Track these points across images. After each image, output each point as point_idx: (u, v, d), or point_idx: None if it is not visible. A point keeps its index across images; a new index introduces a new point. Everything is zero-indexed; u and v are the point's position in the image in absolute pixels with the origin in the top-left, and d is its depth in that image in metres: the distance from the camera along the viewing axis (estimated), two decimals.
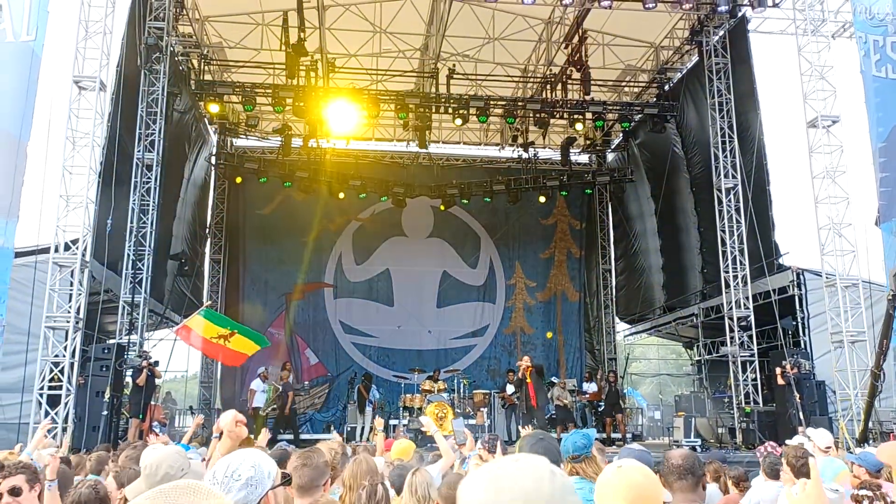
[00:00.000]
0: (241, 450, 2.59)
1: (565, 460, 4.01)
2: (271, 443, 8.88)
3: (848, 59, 13.33)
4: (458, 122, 17.36)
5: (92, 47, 12.50)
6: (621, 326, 23.93)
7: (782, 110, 19.72)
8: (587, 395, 17.43)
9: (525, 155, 20.60)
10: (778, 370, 13.30)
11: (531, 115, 17.93)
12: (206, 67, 17.38)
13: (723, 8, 14.44)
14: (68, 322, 11.73)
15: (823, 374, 13.78)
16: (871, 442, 11.00)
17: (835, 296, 13.43)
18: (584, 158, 23.52)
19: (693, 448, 14.29)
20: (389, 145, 22.07)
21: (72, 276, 11.89)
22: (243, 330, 11.46)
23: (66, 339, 11.72)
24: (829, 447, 5.70)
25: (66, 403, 11.46)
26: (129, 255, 13.60)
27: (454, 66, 17.44)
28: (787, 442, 6.01)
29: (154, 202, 13.96)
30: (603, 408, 17.07)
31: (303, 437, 15.60)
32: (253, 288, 20.48)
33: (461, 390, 16.51)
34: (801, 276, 14.91)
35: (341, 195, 19.25)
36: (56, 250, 11.91)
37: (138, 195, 13.80)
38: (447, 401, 15.34)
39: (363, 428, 16.18)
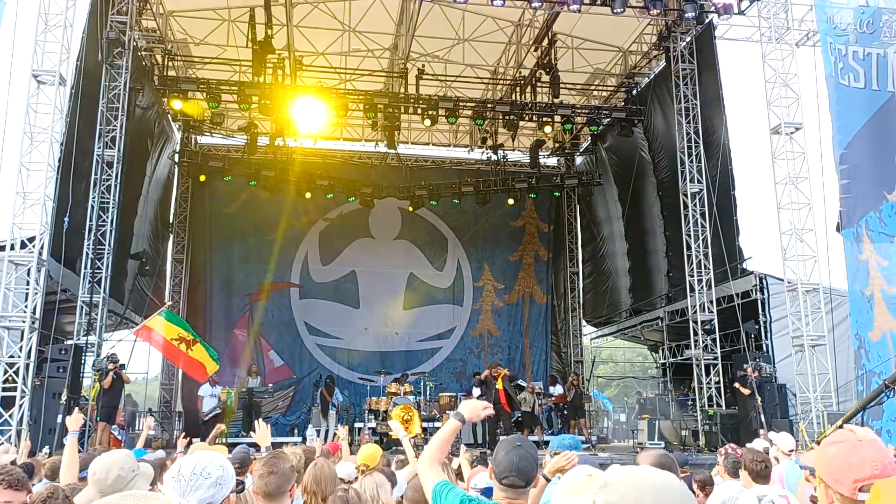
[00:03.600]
0: (207, 450, 2.53)
1: (549, 453, 4.04)
2: (231, 446, 8.73)
3: (811, 67, 13.58)
4: (427, 122, 17.29)
5: (52, 41, 12.23)
6: (588, 329, 24.08)
7: (747, 116, 20.03)
8: (553, 398, 17.48)
9: (494, 157, 20.60)
10: (737, 384, 13.39)
11: (500, 117, 17.92)
12: (170, 63, 17.03)
13: (690, 14, 14.58)
14: (24, 322, 11.45)
15: (785, 377, 14.01)
16: None
17: (796, 300, 13.66)
18: (552, 161, 23.63)
19: None
20: (358, 145, 21.89)
21: (28, 274, 11.61)
22: (203, 343, 11.31)
23: (22, 340, 11.43)
24: (791, 450, 5.75)
25: (20, 405, 11.16)
26: (88, 253, 13.27)
27: (423, 66, 17.38)
28: (748, 445, 6.05)
29: (114, 200, 13.63)
30: (567, 411, 17.14)
31: None
32: (217, 287, 20.12)
33: (427, 393, 16.43)
34: (764, 281, 15.13)
35: (308, 195, 19.04)
36: (12, 248, 11.62)
37: (98, 192, 13.46)
38: (413, 403, 15.25)
39: (327, 431, 16.01)
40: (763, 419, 12.37)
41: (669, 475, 1.45)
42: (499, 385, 14.39)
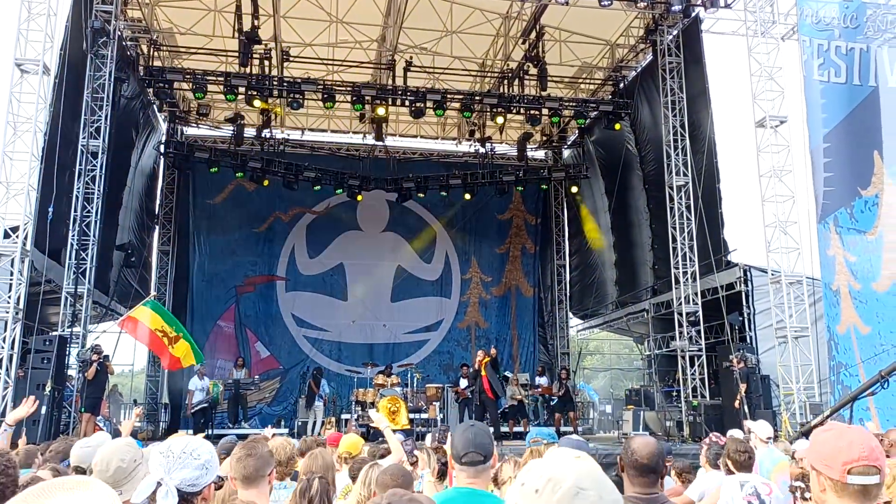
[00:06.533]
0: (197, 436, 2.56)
1: (528, 441, 4.16)
2: (218, 437, 8.74)
3: (796, 61, 13.67)
4: (415, 114, 17.27)
5: (35, 29, 12.12)
6: (574, 321, 24.18)
7: (733, 110, 20.14)
8: (539, 389, 17.58)
9: (482, 150, 20.62)
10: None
11: (488, 109, 17.93)
12: (156, 53, 16.94)
13: (676, 7, 14.65)
14: (8, 313, 11.38)
15: (768, 368, 14.14)
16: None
17: (779, 292, 13.77)
18: (540, 154, 23.67)
19: None
20: (345, 137, 21.86)
21: (12, 265, 11.52)
22: (187, 337, 11.29)
23: (6, 331, 11.37)
24: (769, 437, 5.84)
25: (4, 396, 11.11)
26: (72, 244, 13.20)
27: (411, 58, 17.35)
28: (729, 433, 6.14)
29: (99, 190, 13.57)
30: (555, 403, 17.24)
31: (252, 431, 15.38)
32: (202, 279, 20.08)
33: (414, 384, 16.48)
34: (748, 273, 15.25)
35: (295, 187, 18.99)
36: None
37: (83, 183, 13.40)
38: (400, 395, 15.28)
39: (314, 422, 16.03)
40: (747, 410, 12.48)
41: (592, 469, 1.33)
42: (482, 372, 14.43)
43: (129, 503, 2.67)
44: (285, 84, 16.44)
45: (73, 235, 13.24)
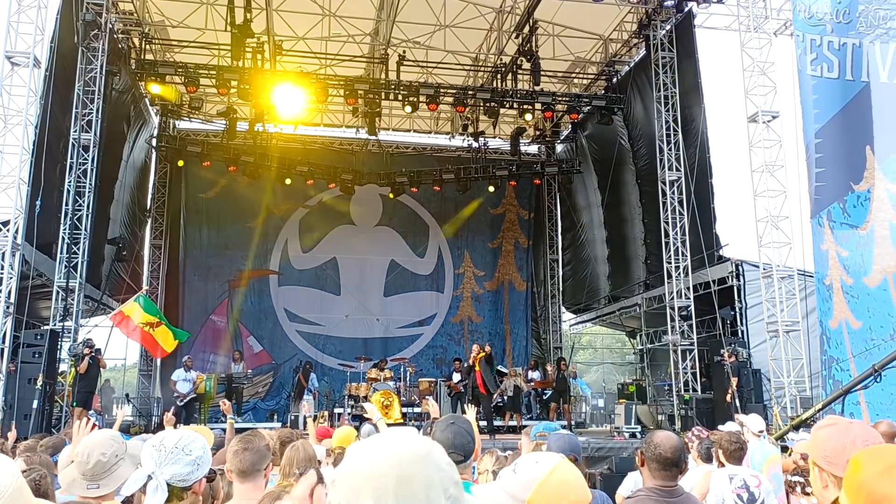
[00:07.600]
0: (191, 428, 2.56)
1: (533, 434, 4.21)
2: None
3: (788, 56, 13.70)
4: (408, 109, 17.22)
5: (25, 21, 12.04)
6: (567, 316, 24.24)
7: (725, 105, 20.17)
8: (532, 384, 17.62)
9: (475, 144, 20.59)
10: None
11: (481, 104, 17.89)
12: (148, 46, 16.84)
13: (669, 2, 14.65)
14: None
15: (759, 362, 14.21)
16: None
17: (771, 286, 13.84)
18: (533, 149, 23.68)
19: (633, 435, 14.59)
20: (338, 131, 21.82)
21: (2, 258, 11.47)
22: (171, 327, 11.34)
23: None
24: (761, 431, 5.87)
25: None
26: (64, 238, 13.13)
27: (404, 52, 17.29)
28: (720, 427, 6.17)
29: (91, 184, 13.50)
30: (549, 395, 17.30)
31: (246, 425, 15.36)
32: (194, 274, 20.03)
33: (407, 379, 16.49)
34: (740, 268, 15.31)
35: (288, 181, 18.93)
36: None
37: (74, 177, 13.33)
38: (393, 389, 15.30)
39: (306, 417, 16.02)
40: (738, 404, 12.54)
41: (415, 448, 1.16)
42: (476, 367, 14.46)
43: (108, 498, 2.65)
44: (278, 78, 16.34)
45: (65, 229, 13.18)
